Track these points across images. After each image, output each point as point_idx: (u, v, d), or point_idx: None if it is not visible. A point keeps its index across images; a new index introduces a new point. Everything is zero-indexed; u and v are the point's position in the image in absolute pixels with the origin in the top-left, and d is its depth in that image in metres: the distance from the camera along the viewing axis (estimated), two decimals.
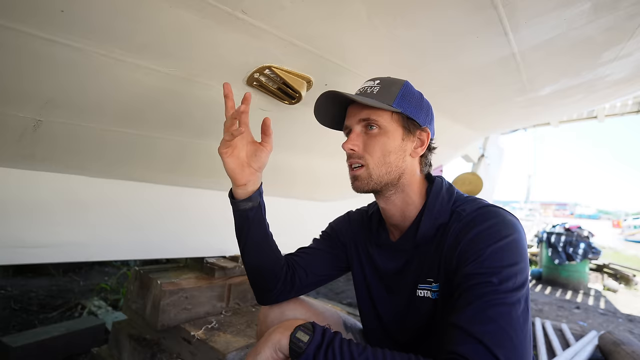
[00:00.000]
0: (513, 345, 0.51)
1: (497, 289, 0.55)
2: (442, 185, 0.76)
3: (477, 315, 0.54)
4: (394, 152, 0.72)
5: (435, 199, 0.73)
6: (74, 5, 0.63)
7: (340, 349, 0.57)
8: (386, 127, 0.71)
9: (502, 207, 0.68)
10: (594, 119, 4.71)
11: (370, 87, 0.74)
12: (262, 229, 0.79)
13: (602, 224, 25.97)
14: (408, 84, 0.75)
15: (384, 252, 0.82)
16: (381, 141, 0.71)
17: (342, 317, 0.95)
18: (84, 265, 3.68)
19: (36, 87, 0.80)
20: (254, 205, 0.77)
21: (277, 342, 0.61)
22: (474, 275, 0.58)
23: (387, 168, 0.71)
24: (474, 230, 0.63)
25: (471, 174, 3.22)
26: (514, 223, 0.64)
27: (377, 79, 0.75)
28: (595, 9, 0.83)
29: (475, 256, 0.60)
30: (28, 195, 1.15)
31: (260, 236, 0.79)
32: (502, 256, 0.59)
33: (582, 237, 4.93)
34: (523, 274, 0.58)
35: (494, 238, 0.61)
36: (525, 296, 0.57)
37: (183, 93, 0.96)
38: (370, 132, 0.72)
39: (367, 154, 0.72)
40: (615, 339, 2.02)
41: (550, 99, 1.56)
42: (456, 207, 0.71)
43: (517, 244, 0.61)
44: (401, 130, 0.72)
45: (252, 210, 0.77)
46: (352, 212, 0.96)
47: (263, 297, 0.84)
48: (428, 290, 0.71)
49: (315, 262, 0.87)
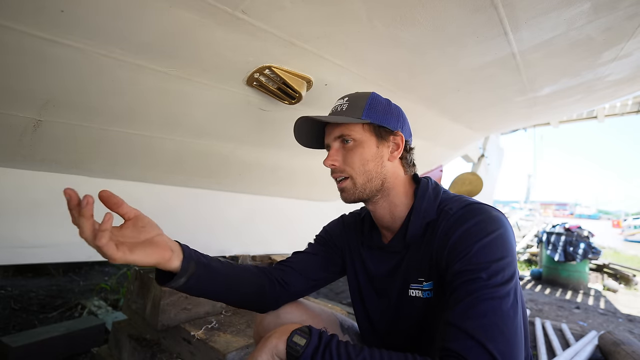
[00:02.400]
0: (505, 338, 0.53)
1: (486, 284, 0.57)
2: (428, 185, 0.78)
3: (468, 311, 0.56)
4: (372, 160, 0.75)
5: (422, 198, 0.75)
6: (74, 5, 0.63)
7: (337, 351, 0.57)
8: (360, 139, 0.75)
9: (487, 204, 0.70)
10: (594, 119, 4.72)
11: (340, 106, 0.78)
12: (217, 282, 0.71)
13: (602, 224, 25.96)
14: (374, 95, 0.78)
15: (376, 254, 0.83)
16: (358, 152, 0.75)
17: (340, 318, 0.95)
18: (84, 265, 3.68)
19: (36, 87, 0.80)
20: (190, 273, 0.64)
21: (274, 347, 0.61)
22: (463, 272, 0.60)
23: (367, 176, 0.75)
24: (461, 228, 0.65)
25: (471, 174, 3.22)
26: (499, 218, 0.65)
27: (345, 97, 0.79)
28: (595, 9, 0.83)
29: (463, 253, 0.62)
30: (28, 195, 1.15)
31: (219, 286, 0.72)
32: (489, 251, 0.60)
33: (582, 237, 4.93)
34: (511, 267, 0.60)
35: (480, 234, 0.62)
36: (514, 289, 0.58)
37: (183, 93, 0.96)
38: (347, 145, 0.76)
39: (348, 166, 0.75)
40: (615, 339, 2.02)
41: (550, 99, 1.56)
42: (443, 205, 0.72)
43: (504, 238, 0.62)
44: (374, 139, 0.76)
45: (193, 278, 0.65)
46: (345, 215, 0.97)
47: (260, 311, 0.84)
48: (419, 290, 0.72)
49: (311, 267, 0.88)
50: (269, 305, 0.82)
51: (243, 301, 0.79)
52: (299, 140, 0.86)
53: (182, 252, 0.64)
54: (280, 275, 0.83)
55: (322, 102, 1.21)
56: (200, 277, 0.67)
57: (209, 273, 0.69)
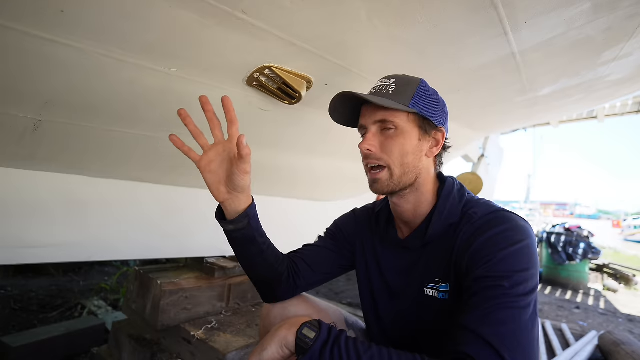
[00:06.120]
0: (521, 349, 0.52)
1: (508, 293, 0.56)
2: (453, 186, 0.76)
3: (487, 318, 0.54)
4: (412, 153, 0.71)
5: (447, 199, 0.73)
6: (74, 5, 0.63)
7: (346, 346, 0.57)
8: (403, 128, 0.70)
9: (514, 212, 0.68)
10: (594, 119, 4.72)
11: (385, 86, 0.72)
12: (254, 248, 0.75)
13: (602, 224, 25.95)
14: (424, 83, 0.73)
15: (391, 250, 0.82)
16: (399, 142, 0.70)
17: (345, 315, 0.95)
18: (84, 265, 3.68)
19: (36, 87, 0.80)
20: (237, 227, 0.71)
21: (284, 338, 0.61)
22: (485, 278, 0.59)
23: (404, 169, 0.70)
24: (487, 234, 0.63)
25: (471, 174, 3.23)
26: (526, 229, 0.64)
27: (392, 77, 0.73)
28: (595, 9, 0.83)
29: (486, 260, 0.60)
30: (28, 195, 1.15)
31: (251, 255, 0.76)
32: (514, 261, 0.59)
33: (582, 237, 4.93)
34: (534, 279, 0.58)
35: (506, 243, 0.61)
36: (534, 301, 0.57)
37: (183, 93, 0.96)
38: (387, 133, 0.70)
39: (385, 154, 0.70)
40: (615, 339, 2.02)
41: (550, 99, 1.56)
42: (467, 209, 0.71)
43: (529, 249, 0.61)
44: (417, 131, 0.71)
45: (237, 232, 0.72)
46: (357, 209, 0.96)
47: (267, 298, 0.85)
48: (435, 290, 0.71)
49: (321, 260, 0.87)
50: (279, 295, 0.82)
51: (260, 279, 0.81)
52: (332, 115, 0.79)
53: (246, 210, 0.71)
54: (292, 266, 0.83)
55: (322, 102, 1.21)
56: (244, 235, 0.72)
57: (250, 240, 0.73)
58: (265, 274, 0.79)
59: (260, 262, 0.77)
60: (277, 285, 0.80)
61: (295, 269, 0.83)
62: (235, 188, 0.68)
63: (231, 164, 0.68)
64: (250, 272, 0.80)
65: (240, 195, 0.70)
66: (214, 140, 0.70)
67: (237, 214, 0.70)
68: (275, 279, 0.79)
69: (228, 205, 0.70)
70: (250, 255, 0.76)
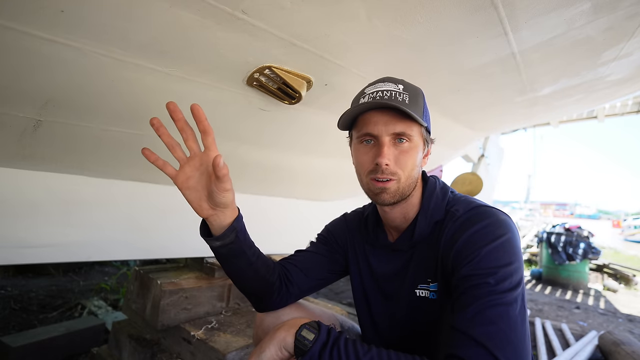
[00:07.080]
0: (513, 346, 0.52)
1: (494, 290, 0.56)
2: (435, 185, 0.76)
3: (476, 318, 0.55)
4: (418, 166, 0.71)
5: (430, 198, 0.74)
6: (74, 5, 0.63)
7: (345, 348, 0.57)
8: (416, 142, 0.68)
9: (494, 207, 0.69)
10: (594, 119, 4.72)
11: (397, 93, 0.67)
12: (243, 261, 0.71)
13: (602, 224, 25.96)
14: (423, 93, 0.73)
15: (381, 253, 0.82)
16: (412, 155, 0.68)
17: (340, 319, 0.94)
18: (84, 265, 3.68)
19: (36, 87, 0.80)
20: (224, 243, 0.67)
21: (282, 339, 0.61)
22: (470, 276, 0.59)
23: (409, 181, 0.69)
24: (469, 231, 0.64)
25: (471, 174, 3.23)
26: (506, 222, 0.64)
27: (398, 83, 0.70)
28: (595, 9, 0.83)
29: (471, 257, 0.61)
30: (28, 195, 1.15)
31: (241, 268, 0.73)
32: (497, 256, 0.59)
33: (582, 237, 4.94)
34: (518, 273, 0.59)
35: (488, 238, 0.61)
36: (521, 295, 0.57)
37: (183, 93, 0.96)
38: (401, 146, 0.67)
39: (400, 168, 0.67)
40: (615, 339, 2.02)
41: (550, 99, 1.56)
42: (450, 206, 0.72)
43: (511, 243, 0.62)
44: (423, 144, 0.71)
45: (224, 248, 0.68)
46: (347, 214, 0.95)
47: (260, 308, 0.83)
48: (426, 290, 0.71)
49: (314, 266, 0.86)
50: (272, 305, 0.81)
51: (250, 291, 0.79)
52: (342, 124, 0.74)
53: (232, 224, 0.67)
54: (285, 273, 0.82)
55: (322, 102, 1.21)
56: (230, 250, 0.69)
57: (237, 254, 0.70)
58: (256, 285, 0.76)
59: (250, 274, 0.74)
60: (269, 295, 0.78)
61: (287, 277, 0.81)
62: (217, 205, 0.64)
63: (210, 178, 0.64)
64: (240, 285, 0.77)
65: (225, 210, 0.66)
66: (189, 153, 0.66)
67: (223, 229, 0.66)
68: (266, 289, 0.77)
69: (213, 220, 0.66)
70: (239, 268, 0.73)
